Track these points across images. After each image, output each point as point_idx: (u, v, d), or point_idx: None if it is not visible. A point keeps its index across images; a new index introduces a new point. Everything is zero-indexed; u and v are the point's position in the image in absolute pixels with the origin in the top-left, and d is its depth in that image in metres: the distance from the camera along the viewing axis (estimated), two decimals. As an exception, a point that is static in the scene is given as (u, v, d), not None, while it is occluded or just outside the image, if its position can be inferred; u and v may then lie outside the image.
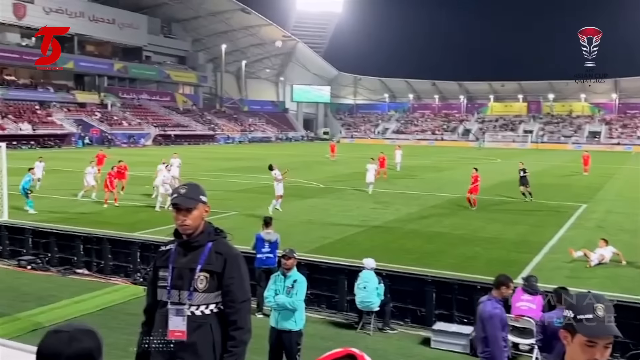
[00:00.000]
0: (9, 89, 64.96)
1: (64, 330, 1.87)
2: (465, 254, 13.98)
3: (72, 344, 1.82)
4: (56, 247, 12.23)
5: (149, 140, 69.70)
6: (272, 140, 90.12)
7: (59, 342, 1.82)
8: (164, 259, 3.37)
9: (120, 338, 7.84)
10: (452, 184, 29.30)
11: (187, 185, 3.38)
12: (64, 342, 1.81)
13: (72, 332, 1.85)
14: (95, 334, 1.90)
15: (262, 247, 9.44)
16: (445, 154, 59.59)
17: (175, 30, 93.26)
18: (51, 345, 1.82)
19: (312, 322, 8.97)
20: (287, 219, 17.81)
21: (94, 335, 1.90)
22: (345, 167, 36.51)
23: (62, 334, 1.84)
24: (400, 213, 19.81)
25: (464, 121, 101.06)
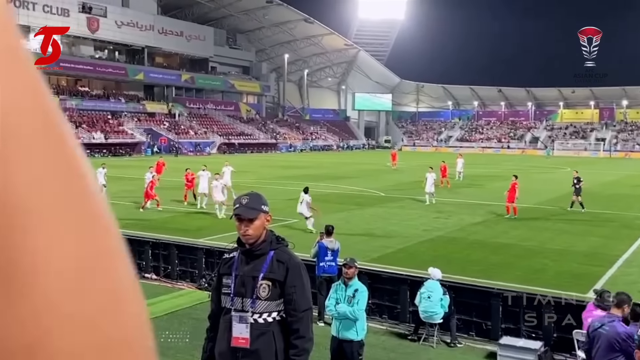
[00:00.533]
0: (83, 100, 68.20)
1: None
2: (533, 266, 13.50)
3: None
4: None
5: (214, 149, 71.43)
6: (334, 148, 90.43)
7: None
8: (228, 267, 3.42)
9: (187, 343, 8.02)
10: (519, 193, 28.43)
11: (249, 195, 3.41)
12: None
13: None
14: None
15: (325, 255, 9.44)
16: (512, 163, 57.98)
17: (240, 41, 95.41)
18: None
19: (374, 332, 8.88)
20: (348, 228, 17.77)
21: None
22: (407, 176, 36.13)
23: None
24: (464, 223, 19.38)
25: (532, 129, 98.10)
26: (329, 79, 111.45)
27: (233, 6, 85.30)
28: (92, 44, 72.71)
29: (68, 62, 68.11)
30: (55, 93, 66.35)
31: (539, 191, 29.16)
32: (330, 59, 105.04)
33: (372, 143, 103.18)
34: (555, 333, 8.37)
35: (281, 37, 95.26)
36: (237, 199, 3.43)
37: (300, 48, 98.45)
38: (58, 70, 67.19)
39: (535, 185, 33.43)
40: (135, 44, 75.50)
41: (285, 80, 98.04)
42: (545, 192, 28.02)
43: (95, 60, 72.20)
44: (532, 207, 23.61)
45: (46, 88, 0.38)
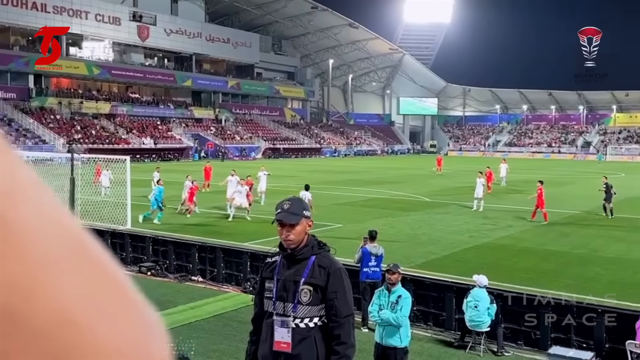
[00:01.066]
0: (134, 106, 70.09)
1: None
2: (585, 274, 13.09)
3: None
4: (174, 255, 12.91)
5: (259, 154, 72.22)
6: (378, 153, 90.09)
7: None
8: (270, 271, 3.45)
9: (231, 345, 8.12)
10: (569, 199, 27.71)
11: (291, 201, 3.43)
12: None
13: None
14: None
15: (369, 260, 9.39)
16: (562, 168, 56.46)
17: (285, 47, 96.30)
18: None
19: (419, 339, 8.78)
20: (393, 233, 17.64)
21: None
22: (453, 181, 35.64)
23: None
24: (513, 230, 18.96)
25: (584, 133, 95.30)
26: (373, 84, 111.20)
27: (279, 12, 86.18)
28: (142, 51, 74.71)
29: (119, 70, 70.21)
30: (107, 100, 68.49)
31: (591, 197, 28.24)
32: (374, 64, 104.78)
33: (417, 148, 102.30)
34: (607, 343, 8.09)
35: (326, 42, 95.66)
36: (279, 204, 3.45)
37: (344, 53, 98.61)
38: (109, 77, 69.38)
39: (587, 191, 32.42)
40: (183, 51, 77.18)
41: (329, 85, 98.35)
42: (598, 199, 27.12)
43: (145, 67, 74.14)
44: (584, 213, 22.92)
45: (68, 214, 0.41)
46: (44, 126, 57.00)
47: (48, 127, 57.09)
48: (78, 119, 61.58)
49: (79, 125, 60.13)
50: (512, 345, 8.74)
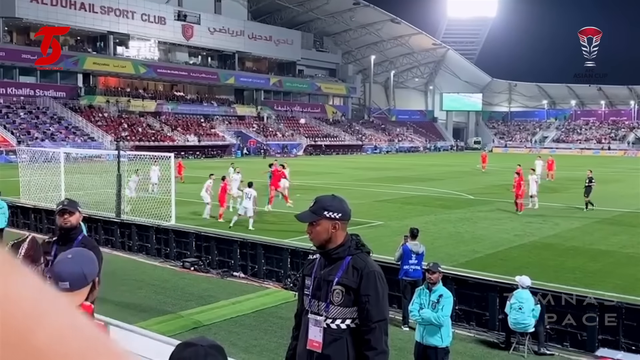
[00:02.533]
0: (179, 104, 71.40)
1: (199, 344, 1.91)
2: (635, 275, 12.64)
3: (208, 358, 1.85)
4: (216, 251, 13.09)
5: (301, 151, 72.51)
6: (420, 150, 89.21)
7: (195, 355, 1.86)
8: (309, 268, 3.43)
9: (272, 340, 8.18)
10: (618, 197, 26.83)
11: (315, 200, 3.39)
12: (201, 356, 1.85)
13: (207, 347, 1.89)
14: (224, 351, 1.94)
15: (409, 258, 9.30)
16: (612, 165, 54.70)
17: (327, 44, 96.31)
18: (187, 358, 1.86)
19: (461, 339, 8.65)
20: (435, 231, 17.44)
21: (224, 352, 1.93)
22: (498, 178, 34.96)
23: (197, 348, 1.88)
24: (560, 228, 18.47)
25: (635, 129, 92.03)
26: (416, 80, 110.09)
27: (320, 9, 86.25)
28: (186, 50, 75.98)
29: (164, 68, 71.60)
30: (152, 98, 69.95)
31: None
32: (417, 59, 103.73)
33: (461, 144, 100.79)
34: (659, 348, 7.80)
35: (368, 38, 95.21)
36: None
37: (386, 49, 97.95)
38: (155, 76, 70.84)
39: (636, 189, 31.33)
40: (226, 50, 78.11)
41: (371, 82, 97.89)
42: (650, 196, 26.17)
43: (189, 66, 75.38)
44: (635, 211, 22.14)
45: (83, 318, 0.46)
46: (92, 124, 58.67)
47: (96, 125, 58.74)
48: (125, 116, 63.14)
49: (126, 123, 61.66)
50: (558, 347, 8.52)
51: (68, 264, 2.62)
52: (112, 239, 15.20)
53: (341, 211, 3.29)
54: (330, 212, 3.27)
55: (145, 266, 13.35)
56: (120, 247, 14.91)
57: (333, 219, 3.27)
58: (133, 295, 10.67)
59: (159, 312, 9.72)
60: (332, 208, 3.29)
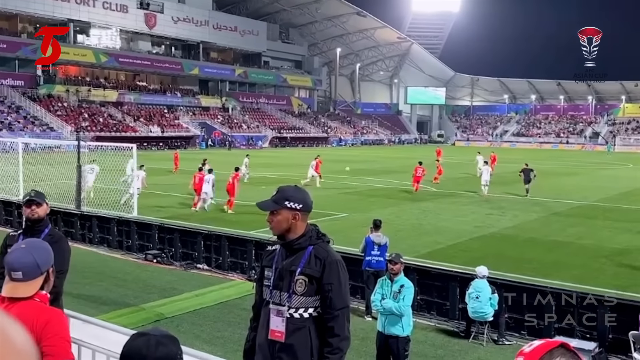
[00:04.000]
0: (141, 94, 70.20)
1: (151, 334, 1.90)
2: (590, 265, 13.06)
3: (159, 347, 1.85)
4: (179, 243, 12.98)
5: (266, 143, 72.25)
6: (385, 142, 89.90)
7: (147, 344, 1.85)
8: (269, 259, 3.45)
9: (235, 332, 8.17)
10: (576, 190, 27.58)
11: (278, 189, 3.41)
12: (152, 345, 1.85)
13: (159, 337, 1.89)
14: (177, 340, 1.94)
15: (372, 249, 9.41)
16: (570, 159, 56.19)
17: (292, 36, 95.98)
18: (138, 348, 1.86)
19: (422, 328, 8.81)
20: (398, 223, 17.65)
21: (177, 341, 1.94)
22: (460, 171, 35.52)
23: (149, 337, 1.88)
24: (519, 220, 18.92)
25: (593, 123, 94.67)
26: (381, 73, 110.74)
27: (286, 0, 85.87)
28: (149, 39, 74.65)
29: (126, 58, 70.24)
30: (114, 87, 68.58)
31: (598, 188, 28.18)
32: (382, 53, 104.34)
33: (425, 138, 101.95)
34: (610, 334, 8.09)
35: (333, 31, 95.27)
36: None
37: (352, 42, 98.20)
38: (117, 65, 69.42)
39: (594, 182, 32.30)
40: (190, 39, 77.07)
41: (337, 74, 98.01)
42: (605, 189, 27.02)
43: (152, 55, 74.11)
44: (591, 204, 22.83)
45: None
46: (51, 114, 57.22)
47: (56, 115, 57.32)
48: (85, 106, 61.77)
49: (87, 113, 60.33)
50: (516, 335, 8.76)
51: (21, 254, 2.60)
52: (72, 231, 14.91)
53: (302, 202, 3.32)
54: (292, 202, 3.29)
55: (107, 259, 13.15)
56: (80, 240, 14.64)
57: (294, 209, 3.29)
58: (94, 287, 10.50)
59: (121, 304, 9.60)
60: (294, 198, 3.31)
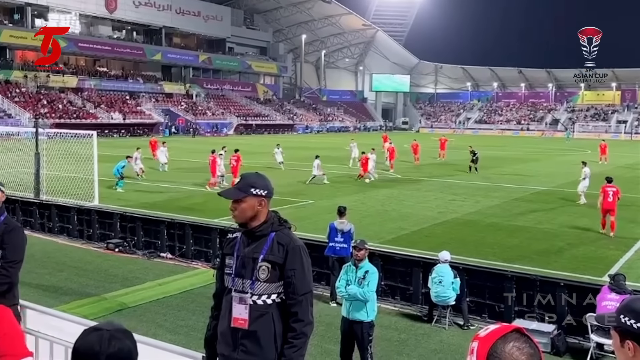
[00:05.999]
0: (102, 80, 68.59)
1: (104, 328, 1.84)
2: (549, 249, 13.40)
3: (112, 342, 1.80)
4: (142, 232, 12.79)
5: (231, 130, 71.60)
6: (350, 129, 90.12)
7: (99, 340, 1.79)
8: (230, 247, 3.43)
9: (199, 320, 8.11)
10: (536, 176, 28.18)
11: (242, 177, 3.40)
12: (105, 340, 1.79)
13: (113, 331, 1.83)
14: (132, 334, 1.88)
15: (335, 236, 9.44)
16: (531, 145, 57.36)
17: (257, 22, 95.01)
18: (91, 343, 1.80)
19: (386, 313, 8.91)
20: (363, 209, 17.76)
21: (131, 335, 1.88)
22: (423, 158, 35.86)
23: (102, 332, 1.82)
24: (480, 205, 19.26)
25: (552, 110, 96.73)
26: (346, 60, 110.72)
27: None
28: (110, 24, 72.88)
29: (86, 42, 68.44)
30: (74, 73, 66.82)
31: (557, 174, 28.86)
32: (348, 40, 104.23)
33: (390, 125, 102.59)
34: (568, 316, 8.32)
35: (299, 17, 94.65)
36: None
37: (317, 28, 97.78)
38: (77, 50, 67.60)
39: (554, 168, 33.07)
40: (152, 24, 75.53)
41: (302, 61, 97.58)
42: (564, 175, 27.70)
43: (113, 40, 72.43)
44: (550, 189, 23.38)
45: None
46: (9, 100, 55.45)
47: (13, 101, 55.57)
48: (44, 93, 60.07)
49: (46, 100, 58.69)
50: (477, 318, 8.93)
51: None
52: (31, 220, 14.54)
53: (266, 188, 3.32)
54: (257, 189, 3.29)
55: (67, 248, 12.87)
56: (39, 229, 14.29)
57: (259, 196, 3.29)
58: (53, 277, 10.28)
59: (81, 294, 9.43)
60: (258, 185, 3.31)
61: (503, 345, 1.51)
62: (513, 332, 1.54)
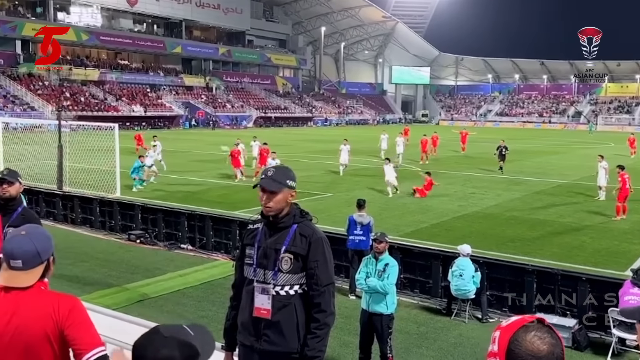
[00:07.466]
0: (123, 73, 69.17)
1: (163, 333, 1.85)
2: (571, 243, 13.25)
3: (162, 350, 1.81)
4: (163, 223, 12.91)
5: (250, 122, 71.82)
6: (370, 122, 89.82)
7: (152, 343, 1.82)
8: (251, 237, 3.46)
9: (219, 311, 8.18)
10: (558, 169, 27.86)
11: (277, 169, 3.43)
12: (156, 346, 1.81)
13: (169, 339, 1.83)
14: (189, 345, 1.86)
15: (355, 229, 9.44)
16: (553, 138, 56.65)
17: (277, 14, 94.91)
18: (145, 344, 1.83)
19: (405, 306, 8.90)
20: (383, 202, 17.72)
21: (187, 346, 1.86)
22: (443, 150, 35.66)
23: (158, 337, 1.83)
24: (501, 199, 19.10)
25: (575, 103, 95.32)
26: (365, 52, 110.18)
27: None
28: (131, 17, 73.39)
29: (108, 36, 69.04)
30: (95, 66, 67.49)
31: (580, 167, 28.48)
32: (367, 32, 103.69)
33: (409, 117, 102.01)
34: (590, 311, 8.24)
35: (318, 9, 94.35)
36: (264, 170, 3.46)
37: (337, 20, 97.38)
38: (98, 43, 68.24)
39: (576, 161, 32.65)
40: (173, 17, 75.90)
41: (321, 54, 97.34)
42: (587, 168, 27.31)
43: (134, 33, 72.94)
44: (573, 183, 23.10)
45: None
46: (32, 93, 56.27)
47: (37, 94, 56.37)
48: (67, 85, 60.80)
49: (68, 92, 59.42)
50: (497, 312, 8.88)
51: (21, 241, 2.47)
52: (54, 212, 14.77)
53: (295, 180, 3.39)
54: (291, 181, 3.36)
55: (89, 239, 13.06)
56: (62, 220, 14.51)
57: (292, 188, 3.35)
58: (76, 268, 10.44)
59: (104, 285, 9.57)
60: (292, 177, 3.38)
61: (524, 334, 1.51)
62: (535, 322, 1.55)
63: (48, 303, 2.42)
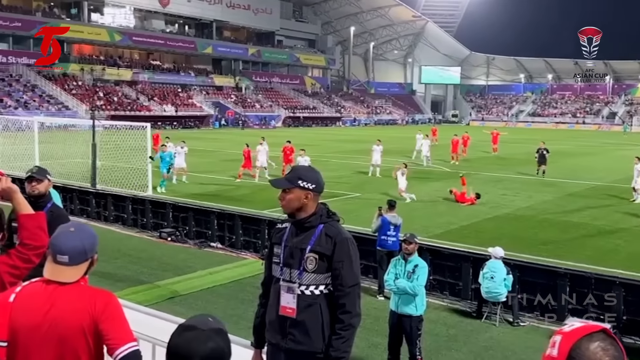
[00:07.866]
0: (155, 73, 70.18)
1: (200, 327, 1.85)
2: (605, 246, 12.98)
3: (208, 343, 1.81)
4: (193, 222, 13.06)
5: (279, 122, 72.12)
6: (399, 122, 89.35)
7: (195, 340, 1.81)
8: (279, 236, 3.48)
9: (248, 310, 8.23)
10: (591, 171, 27.29)
11: (294, 168, 3.51)
12: (201, 341, 1.81)
13: (208, 331, 1.84)
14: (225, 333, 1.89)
15: (387, 229, 9.39)
16: (586, 139, 55.54)
17: (306, 14, 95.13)
18: (187, 343, 1.82)
19: (435, 308, 8.82)
20: (411, 203, 17.60)
21: (225, 334, 1.89)
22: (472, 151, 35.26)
23: (198, 332, 1.83)
24: (533, 200, 18.79)
25: (610, 103, 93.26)
26: (395, 52, 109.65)
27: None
28: (163, 18, 74.42)
29: (140, 36, 70.14)
30: (128, 66, 68.59)
31: (614, 169, 27.86)
32: (397, 31, 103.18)
33: (439, 117, 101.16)
34: (624, 315, 8.05)
35: (347, 9, 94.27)
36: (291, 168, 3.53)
37: (366, 20, 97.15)
38: (131, 44, 69.38)
39: (610, 162, 31.95)
40: (204, 18, 76.71)
41: (350, 54, 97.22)
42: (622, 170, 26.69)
43: (166, 34, 73.94)
44: (607, 185, 22.61)
45: None
46: (66, 92, 57.48)
47: (71, 94, 57.57)
48: (100, 85, 61.95)
49: (102, 92, 60.54)
50: (529, 316, 8.74)
51: (69, 238, 2.53)
52: (88, 209, 15.06)
53: (315, 182, 3.35)
54: (305, 182, 3.33)
55: (122, 236, 13.28)
56: (95, 217, 14.79)
57: (306, 189, 3.33)
58: (109, 265, 10.62)
59: (136, 281, 9.72)
60: (307, 178, 3.35)
61: (588, 343, 1.46)
62: (600, 332, 1.50)
63: (85, 297, 2.46)
